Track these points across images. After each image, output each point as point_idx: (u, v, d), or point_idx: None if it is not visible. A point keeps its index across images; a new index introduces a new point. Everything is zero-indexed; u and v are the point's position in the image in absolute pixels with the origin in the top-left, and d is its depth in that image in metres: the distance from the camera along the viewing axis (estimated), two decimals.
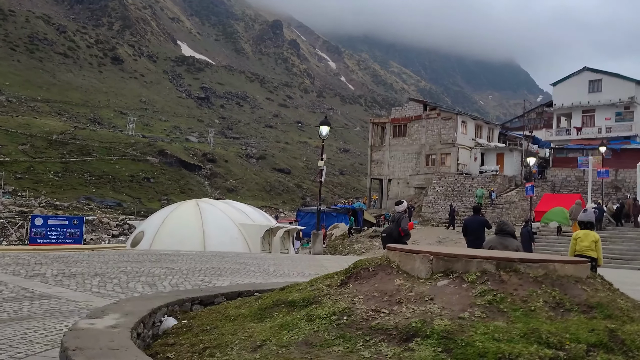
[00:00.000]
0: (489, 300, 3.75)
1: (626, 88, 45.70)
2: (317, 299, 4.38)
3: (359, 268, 4.76)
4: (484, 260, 4.13)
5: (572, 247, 8.46)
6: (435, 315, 3.67)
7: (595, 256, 8.14)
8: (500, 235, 7.43)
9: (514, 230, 7.79)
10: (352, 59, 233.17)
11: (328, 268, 14.93)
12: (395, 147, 50.82)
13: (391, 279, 4.40)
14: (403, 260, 4.51)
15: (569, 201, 36.60)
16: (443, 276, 4.19)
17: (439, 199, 43.97)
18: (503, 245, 7.15)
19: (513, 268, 4.08)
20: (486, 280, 4.00)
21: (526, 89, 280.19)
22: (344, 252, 33.70)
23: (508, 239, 7.38)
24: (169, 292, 6.05)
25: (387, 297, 4.09)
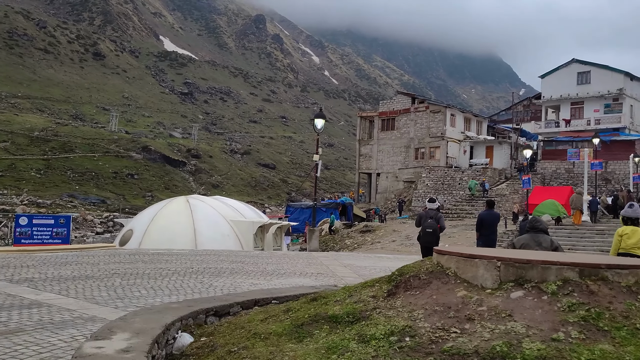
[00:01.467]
0: (583, 316, 3.15)
1: (615, 80, 45.60)
2: (364, 313, 3.75)
3: (407, 276, 4.14)
4: (564, 267, 3.53)
5: (615, 244, 7.91)
6: (522, 335, 3.06)
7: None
8: (533, 232, 6.93)
9: (547, 227, 7.28)
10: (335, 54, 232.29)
11: (329, 266, 14.34)
12: (384, 140, 50.29)
13: (450, 289, 3.79)
14: (462, 266, 3.89)
15: (559, 193, 36.47)
16: (515, 286, 3.59)
17: (429, 193, 43.49)
18: (537, 242, 6.69)
19: (599, 275, 3.48)
20: (571, 291, 3.40)
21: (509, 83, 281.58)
22: (335, 247, 33.13)
23: (542, 235, 6.88)
24: (179, 303, 5.38)
25: (452, 312, 3.47)
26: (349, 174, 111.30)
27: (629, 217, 7.96)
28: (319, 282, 11.12)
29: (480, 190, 40.23)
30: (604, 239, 23.76)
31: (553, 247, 6.76)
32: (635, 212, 7.95)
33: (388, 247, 29.29)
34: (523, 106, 59.19)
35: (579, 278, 3.48)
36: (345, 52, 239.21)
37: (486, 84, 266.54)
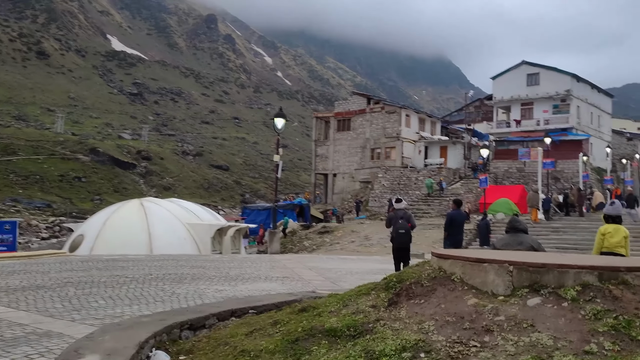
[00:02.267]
0: (612, 325, 2.90)
1: (562, 81, 46.91)
2: (366, 326, 3.41)
3: (407, 282, 3.82)
4: (583, 271, 3.28)
5: (598, 243, 7.83)
6: (551, 348, 2.78)
7: (625, 254, 7.55)
8: (513, 232, 6.73)
9: (526, 227, 7.17)
10: (288, 54, 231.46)
11: (294, 269, 13.96)
12: (340, 141, 50.21)
13: (458, 296, 3.49)
14: (469, 271, 3.60)
15: (512, 192, 37.14)
16: (530, 292, 3.32)
17: (386, 193, 43.69)
18: (518, 242, 6.48)
19: (619, 279, 3.25)
20: (593, 296, 3.15)
21: (458, 84, 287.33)
22: (294, 249, 32.70)
23: (522, 235, 6.71)
24: (150, 316, 4.91)
25: (467, 322, 3.17)
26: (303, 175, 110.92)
27: (611, 215, 7.91)
28: (287, 286, 10.74)
29: (438, 189, 40.67)
30: (559, 237, 24.22)
31: (535, 245, 6.67)
32: (616, 210, 7.91)
33: (347, 248, 29.09)
34: (475, 107, 60.28)
35: (599, 282, 3.25)
36: (298, 53, 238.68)
37: (436, 86, 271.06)
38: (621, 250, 7.50)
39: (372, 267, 15.84)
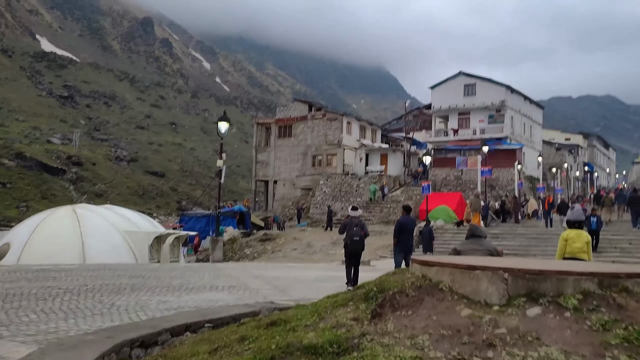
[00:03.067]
0: (624, 336, 2.68)
1: (498, 92, 48.44)
2: (351, 341, 3.07)
3: (390, 292, 3.51)
4: (582, 278, 3.06)
5: (561, 248, 7.82)
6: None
7: (587, 259, 7.56)
8: (474, 238, 6.92)
9: (486, 233, 7.32)
10: (227, 60, 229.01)
11: (239, 278, 13.45)
12: (281, 147, 49.83)
13: (449, 307, 3.21)
14: (458, 279, 3.33)
15: (450, 199, 37.87)
16: (528, 302, 3.07)
17: (327, 200, 43.64)
18: (480, 244, 6.74)
19: (620, 286, 3.06)
20: (596, 305, 2.93)
21: (395, 94, 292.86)
22: (234, 257, 32.00)
23: (484, 240, 6.92)
24: (95, 334, 4.38)
25: (465, 336, 2.88)
26: (241, 182, 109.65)
27: (574, 221, 7.94)
28: (235, 296, 10.27)
29: (380, 195, 41.08)
30: (498, 242, 24.68)
31: (493, 250, 6.81)
32: (577, 215, 7.95)
33: (290, 256, 28.71)
34: (413, 116, 61.31)
35: (600, 289, 3.04)
36: (237, 59, 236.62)
37: (374, 95, 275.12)
38: (583, 255, 7.54)
39: (319, 274, 15.54)
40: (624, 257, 20.23)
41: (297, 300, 6.98)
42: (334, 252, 28.19)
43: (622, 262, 19.06)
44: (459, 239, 26.69)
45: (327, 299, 4.17)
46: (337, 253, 27.96)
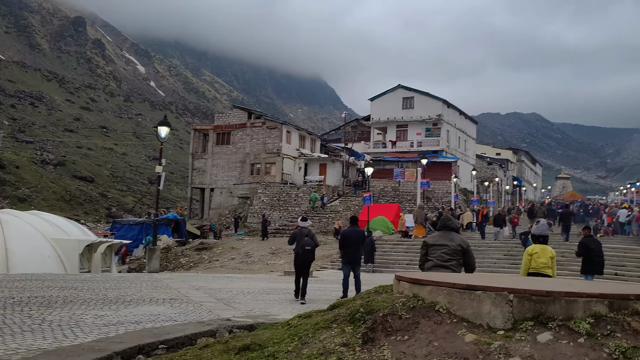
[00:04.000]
0: None
1: (435, 106, 49.56)
2: None
3: (381, 313, 3.19)
4: (593, 300, 2.86)
5: (525, 263, 7.72)
6: None
7: (551, 274, 7.50)
8: (444, 231, 6.88)
9: (458, 226, 7.35)
10: (162, 64, 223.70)
11: (179, 290, 12.80)
12: (219, 155, 48.88)
13: (449, 331, 2.92)
14: (457, 301, 3.05)
15: (388, 210, 38.22)
16: (536, 325, 2.84)
17: (265, 209, 43.06)
18: (449, 238, 6.70)
19: (630, 309, 2.87)
20: (611, 330, 2.73)
21: (332, 105, 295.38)
22: (169, 267, 30.90)
23: (453, 234, 6.85)
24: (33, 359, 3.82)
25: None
26: (175, 189, 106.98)
27: (539, 235, 7.89)
28: (178, 310, 9.69)
29: (320, 204, 41.02)
30: None
31: (464, 245, 6.76)
32: (540, 229, 7.90)
33: (228, 266, 27.98)
34: (352, 127, 61.77)
35: (610, 312, 2.84)
36: (173, 64, 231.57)
37: (312, 105, 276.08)
38: (548, 270, 7.50)
39: (262, 286, 15.09)
40: (558, 270, 20.82)
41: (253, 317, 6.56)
42: (273, 262, 27.73)
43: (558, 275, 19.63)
44: (399, 250, 26.88)
45: (302, 319, 3.80)
46: (276, 263, 27.52)
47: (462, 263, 6.68)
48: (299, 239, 12.57)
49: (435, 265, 6.56)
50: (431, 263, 6.65)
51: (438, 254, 6.57)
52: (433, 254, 6.68)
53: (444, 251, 6.60)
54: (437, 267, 6.52)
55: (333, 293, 13.73)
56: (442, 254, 6.58)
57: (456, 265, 6.62)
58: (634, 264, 21.99)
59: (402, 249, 26.72)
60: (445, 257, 6.57)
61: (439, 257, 6.57)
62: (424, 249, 6.85)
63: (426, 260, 6.75)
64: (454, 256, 6.59)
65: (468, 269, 6.71)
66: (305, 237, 12.56)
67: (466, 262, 6.68)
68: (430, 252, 6.74)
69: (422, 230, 29.71)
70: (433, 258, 6.64)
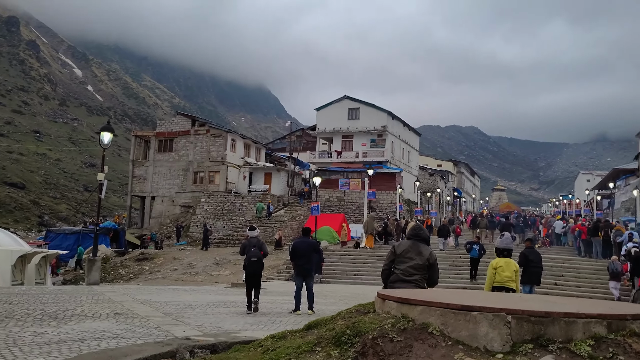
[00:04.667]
0: None
1: (380, 118, 50.18)
2: None
3: (370, 336, 3.00)
4: (592, 321, 2.77)
5: (490, 277, 7.67)
6: None
7: (515, 288, 7.47)
8: (415, 240, 6.72)
9: (428, 237, 7.11)
10: (101, 68, 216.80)
11: (123, 304, 12.20)
12: (161, 162, 47.66)
13: (446, 355, 2.76)
14: (451, 322, 2.90)
15: (333, 220, 38.24)
16: (536, 348, 2.72)
17: (208, 218, 42.25)
18: (417, 251, 6.55)
19: (628, 329, 2.80)
20: (614, 353, 2.64)
21: (276, 114, 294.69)
22: (107, 278, 29.70)
23: (423, 245, 6.70)
24: None
25: None
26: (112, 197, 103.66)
27: (503, 249, 7.89)
28: (124, 326, 9.17)
29: (266, 214, 40.70)
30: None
31: (432, 259, 6.65)
32: (504, 242, 7.92)
33: (170, 277, 27.14)
34: (297, 136, 61.72)
35: (610, 334, 2.76)
36: (112, 68, 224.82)
37: (255, 114, 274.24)
38: (512, 284, 7.49)
39: (211, 299, 14.63)
40: None
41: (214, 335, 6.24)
42: (218, 273, 27.12)
43: None
44: (346, 260, 26.84)
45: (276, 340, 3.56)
46: (221, 274, 26.93)
47: (426, 277, 6.58)
48: (247, 250, 12.47)
49: (400, 280, 6.47)
50: (395, 277, 6.56)
51: (405, 267, 6.45)
52: (399, 265, 6.58)
53: (411, 265, 6.50)
54: (401, 282, 6.43)
55: (285, 305, 13.47)
56: (408, 267, 6.49)
57: (420, 279, 6.53)
58: (571, 274, 22.79)
59: (350, 259, 26.71)
60: (411, 272, 6.48)
61: (405, 271, 6.47)
62: (392, 256, 6.73)
63: (391, 268, 6.67)
64: (419, 271, 6.51)
65: (430, 283, 6.64)
66: (252, 247, 12.44)
67: (430, 276, 6.59)
68: (397, 263, 6.62)
69: (371, 241, 29.89)
70: (398, 271, 6.53)
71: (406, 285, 6.32)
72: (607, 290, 20.45)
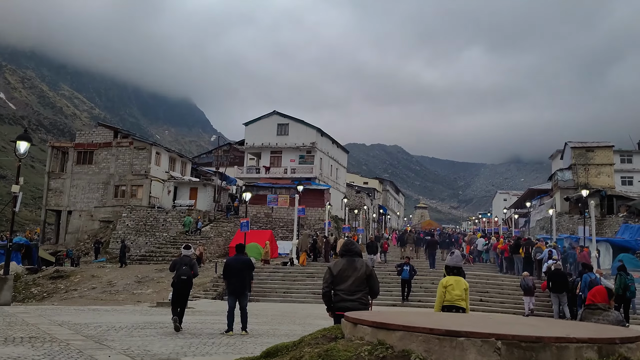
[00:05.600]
0: None
1: (309, 134, 50.24)
2: None
3: None
4: (583, 346, 2.61)
5: (440, 296, 7.48)
6: None
7: (465, 307, 7.33)
8: (349, 256, 6.79)
9: (361, 250, 7.27)
10: (15, 75, 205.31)
11: (39, 327, 11.24)
12: (79, 175, 45.39)
13: None
14: (436, 349, 2.66)
15: (260, 237, 37.70)
16: None
17: (130, 234, 40.56)
18: (353, 267, 6.64)
19: (617, 354, 2.66)
20: None
21: (201, 128, 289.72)
22: (18, 297, 27.65)
23: (358, 260, 6.79)
24: None
25: None
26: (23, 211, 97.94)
27: (453, 267, 7.77)
28: (42, 351, 8.38)
29: (195, 228, 39.69)
30: (314, 282, 24.89)
31: (368, 271, 6.69)
32: (456, 261, 7.81)
33: (88, 296, 25.64)
34: (224, 151, 60.78)
35: (600, 358, 2.60)
36: (27, 76, 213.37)
37: (180, 127, 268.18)
38: (462, 303, 7.38)
39: (135, 319, 13.79)
40: (428, 296, 21.58)
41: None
42: (140, 292, 25.90)
43: (429, 301, 20.32)
44: (275, 278, 26.35)
45: None
46: (143, 293, 25.75)
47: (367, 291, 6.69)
48: (178, 268, 12.34)
49: (343, 299, 6.55)
50: (338, 297, 6.61)
51: (346, 287, 6.50)
52: (340, 286, 6.61)
53: (351, 283, 6.57)
54: (345, 302, 6.50)
55: (215, 326, 12.89)
56: (349, 286, 6.57)
57: (363, 296, 6.61)
58: (495, 290, 23.43)
59: (279, 277, 26.25)
60: (353, 289, 6.55)
61: (346, 290, 6.56)
62: (330, 278, 6.73)
63: (331, 289, 6.69)
64: (360, 287, 6.59)
65: (372, 294, 6.74)
66: (184, 266, 12.28)
67: (371, 287, 6.68)
68: (337, 283, 6.64)
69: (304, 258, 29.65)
70: (340, 292, 6.61)
71: (350, 304, 6.40)
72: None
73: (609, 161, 51.54)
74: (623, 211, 41.70)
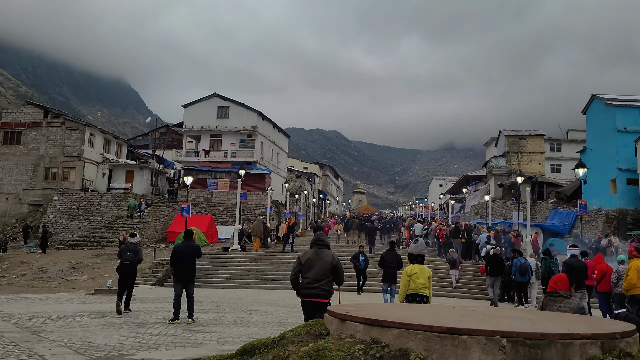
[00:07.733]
0: None
1: (250, 118, 49.49)
2: None
3: None
4: (588, 342, 2.53)
5: (404, 285, 7.36)
6: None
7: (428, 295, 7.25)
8: (317, 247, 7.17)
9: (329, 242, 7.69)
10: None
11: None
12: (6, 156, 42.95)
13: None
14: (437, 347, 2.52)
15: (200, 222, 36.99)
16: None
17: (62, 218, 38.88)
18: (320, 257, 6.99)
19: (618, 349, 2.60)
20: None
21: (135, 109, 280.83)
22: None
23: (325, 250, 7.15)
24: None
25: None
26: None
27: (417, 255, 7.69)
28: None
29: (138, 210, 38.50)
30: (257, 267, 24.65)
31: (334, 262, 7.02)
32: (420, 249, 7.74)
33: (18, 283, 24.37)
34: (161, 133, 59.07)
35: (602, 354, 2.53)
36: None
37: (113, 108, 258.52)
38: (425, 291, 7.35)
39: (73, 308, 13.15)
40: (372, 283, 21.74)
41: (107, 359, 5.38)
42: (74, 279, 24.86)
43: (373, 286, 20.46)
44: (217, 263, 25.88)
45: None
46: (78, 280, 24.74)
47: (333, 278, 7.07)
48: (123, 254, 13.01)
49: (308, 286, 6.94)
50: (304, 284, 7.00)
51: (312, 275, 7.02)
52: (307, 274, 6.98)
53: (317, 271, 6.92)
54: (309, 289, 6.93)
55: (159, 314, 12.47)
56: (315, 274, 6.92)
57: (327, 283, 6.98)
58: (436, 274, 23.87)
59: (221, 262, 25.82)
60: (318, 277, 6.91)
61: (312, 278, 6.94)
62: (298, 266, 7.12)
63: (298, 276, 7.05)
64: (325, 275, 6.95)
65: (338, 281, 7.14)
66: (128, 252, 12.99)
67: (336, 277, 7.06)
68: (304, 271, 7.02)
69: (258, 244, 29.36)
70: (306, 280, 7.01)
71: (314, 290, 6.86)
72: (468, 290, 21.97)
73: (540, 149, 53.68)
74: (552, 197, 43.56)
